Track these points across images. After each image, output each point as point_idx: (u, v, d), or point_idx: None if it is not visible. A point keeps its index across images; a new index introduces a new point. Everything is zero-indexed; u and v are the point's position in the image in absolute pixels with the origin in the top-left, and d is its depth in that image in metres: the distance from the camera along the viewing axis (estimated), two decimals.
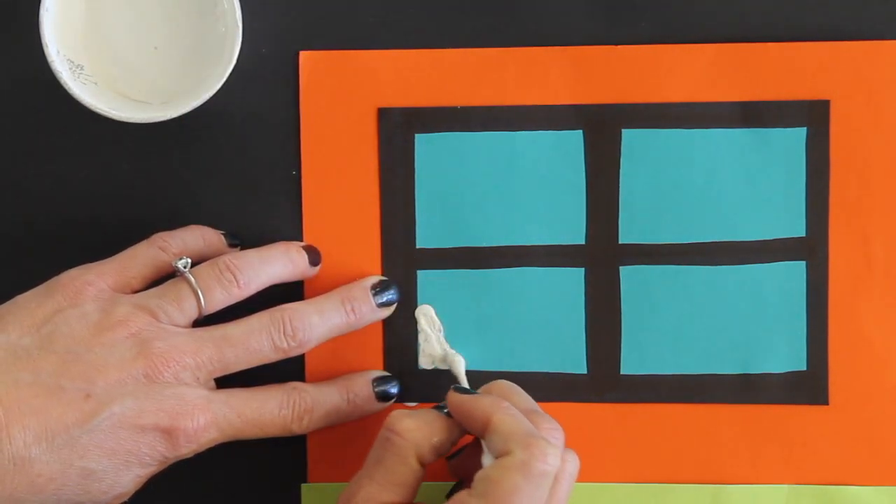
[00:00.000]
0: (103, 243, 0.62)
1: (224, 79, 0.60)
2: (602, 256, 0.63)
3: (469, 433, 0.57)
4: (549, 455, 0.53)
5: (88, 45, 0.63)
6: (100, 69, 0.63)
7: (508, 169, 0.63)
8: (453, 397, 0.57)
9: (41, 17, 0.60)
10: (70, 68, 0.61)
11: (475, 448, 0.58)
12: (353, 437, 0.64)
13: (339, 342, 0.63)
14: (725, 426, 0.63)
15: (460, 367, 0.62)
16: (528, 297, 0.63)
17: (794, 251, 0.63)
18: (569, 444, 0.56)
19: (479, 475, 0.54)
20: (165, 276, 0.60)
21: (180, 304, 0.58)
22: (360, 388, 0.62)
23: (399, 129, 0.63)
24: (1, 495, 0.53)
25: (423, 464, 0.56)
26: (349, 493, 0.56)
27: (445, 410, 0.58)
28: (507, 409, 0.56)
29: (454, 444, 0.58)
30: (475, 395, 0.57)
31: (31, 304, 0.57)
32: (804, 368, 0.63)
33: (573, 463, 0.56)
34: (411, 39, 0.63)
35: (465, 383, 0.62)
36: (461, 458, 0.60)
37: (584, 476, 0.61)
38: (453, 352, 0.63)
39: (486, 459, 0.55)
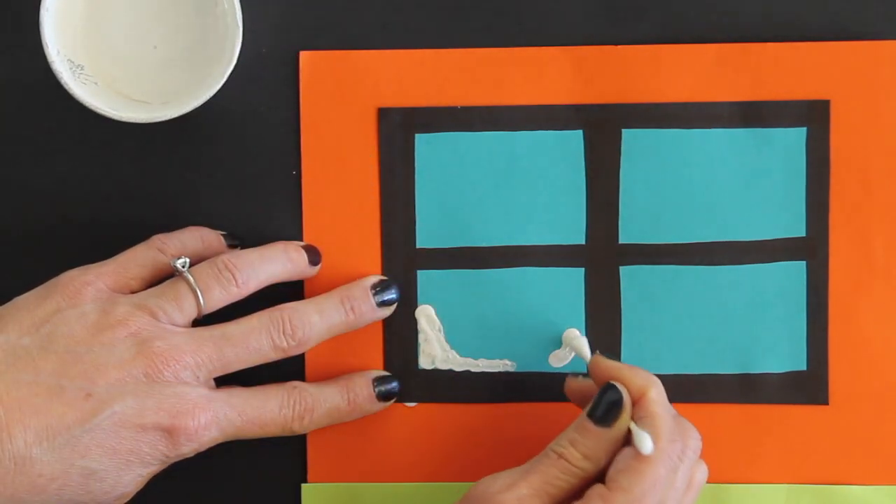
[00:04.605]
0: (103, 243, 0.62)
1: (224, 79, 0.60)
2: (602, 256, 0.63)
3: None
4: (690, 453, 0.55)
5: (88, 45, 0.62)
6: (100, 69, 0.63)
7: (508, 169, 0.63)
8: (603, 362, 0.58)
9: (41, 17, 0.60)
10: (70, 68, 0.61)
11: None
12: (353, 437, 0.64)
13: (339, 342, 0.63)
14: (725, 426, 0.63)
15: (583, 342, 0.62)
16: (528, 297, 0.63)
17: (794, 251, 0.63)
18: None
19: (619, 467, 0.54)
20: (164, 277, 0.60)
21: (179, 304, 0.58)
22: (360, 387, 0.62)
23: (399, 129, 0.63)
24: (2, 495, 0.53)
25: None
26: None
27: (579, 377, 0.59)
28: (661, 388, 0.56)
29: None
30: (630, 365, 0.57)
31: (31, 305, 0.57)
32: (804, 368, 0.63)
33: (703, 474, 0.57)
34: (411, 39, 0.63)
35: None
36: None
37: None
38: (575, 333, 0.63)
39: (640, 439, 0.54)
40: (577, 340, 0.62)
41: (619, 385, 0.56)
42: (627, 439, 0.55)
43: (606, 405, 0.55)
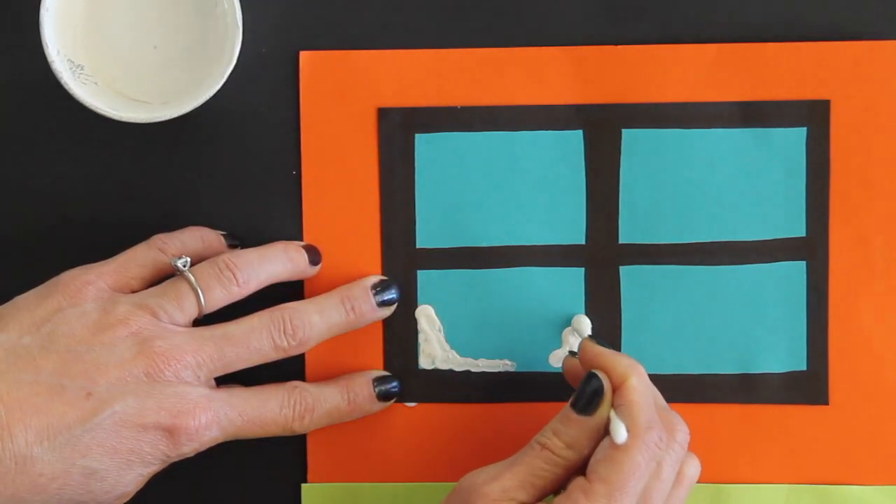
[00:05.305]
0: (103, 243, 0.62)
1: (224, 79, 0.60)
2: (602, 256, 0.63)
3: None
4: (675, 445, 0.55)
5: (88, 45, 0.62)
6: (100, 69, 0.63)
7: (508, 169, 0.63)
8: (590, 347, 0.58)
9: (41, 17, 0.60)
10: (70, 68, 0.61)
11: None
12: (353, 437, 0.64)
13: (339, 342, 0.63)
14: (725, 426, 0.63)
15: (586, 324, 0.63)
16: (528, 297, 0.63)
17: (794, 251, 0.63)
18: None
19: (599, 456, 0.54)
20: (165, 277, 0.60)
21: (180, 303, 0.58)
22: (360, 387, 0.62)
23: (399, 129, 0.63)
24: (3, 495, 0.53)
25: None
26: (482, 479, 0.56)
27: (576, 356, 0.59)
28: (644, 375, 0.56)
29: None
30: (614, 351, 0.57)
31: (31, 304, 0.57)
32: (804, 368, 0.63)
33: (695, 468, 0.57)
34: (411, 39, 0.63)
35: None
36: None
37: None
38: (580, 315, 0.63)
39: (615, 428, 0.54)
40: (581, 322, 0.62)
41: (600, 374, 0.56)
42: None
43: (588, 394, 0.56)
